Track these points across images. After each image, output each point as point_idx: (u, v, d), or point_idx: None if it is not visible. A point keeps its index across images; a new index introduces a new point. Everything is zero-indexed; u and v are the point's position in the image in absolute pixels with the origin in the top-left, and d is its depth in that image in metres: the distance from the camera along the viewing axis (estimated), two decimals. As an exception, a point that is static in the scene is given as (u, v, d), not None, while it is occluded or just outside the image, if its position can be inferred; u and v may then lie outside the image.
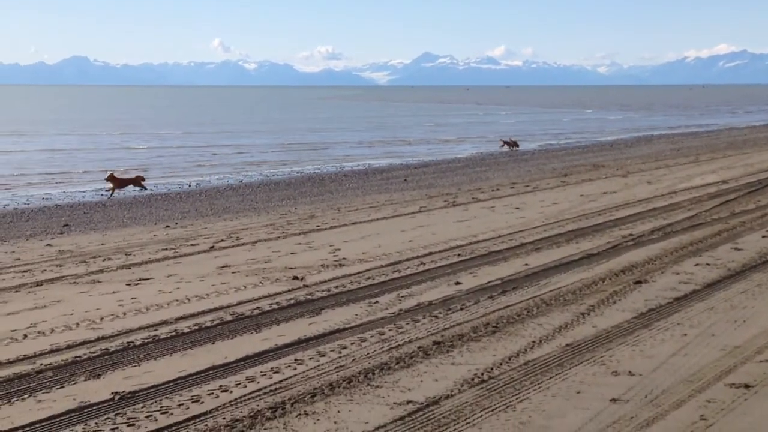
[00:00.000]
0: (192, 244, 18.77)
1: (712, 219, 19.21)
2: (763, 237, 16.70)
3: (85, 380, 9.22)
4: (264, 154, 53.25)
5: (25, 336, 11.06)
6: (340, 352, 9.88)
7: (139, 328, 11.25)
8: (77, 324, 11.64)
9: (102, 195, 32.23)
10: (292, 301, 12.54)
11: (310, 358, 9.68)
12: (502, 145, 54.22)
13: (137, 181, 33.27)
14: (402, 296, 12.66)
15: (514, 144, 54.33)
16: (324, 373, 9.18)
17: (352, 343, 10.24)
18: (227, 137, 68.48)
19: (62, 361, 9.85)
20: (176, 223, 23.16)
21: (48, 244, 19.78)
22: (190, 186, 35.71)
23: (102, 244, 19.57)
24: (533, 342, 10.03)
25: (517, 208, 22.68)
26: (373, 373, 9.12)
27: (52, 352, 10.27)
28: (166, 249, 18.20)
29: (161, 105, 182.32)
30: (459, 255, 15.86)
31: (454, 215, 21.97)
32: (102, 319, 11.89)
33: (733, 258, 14.70)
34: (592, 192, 25.86)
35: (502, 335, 10.39)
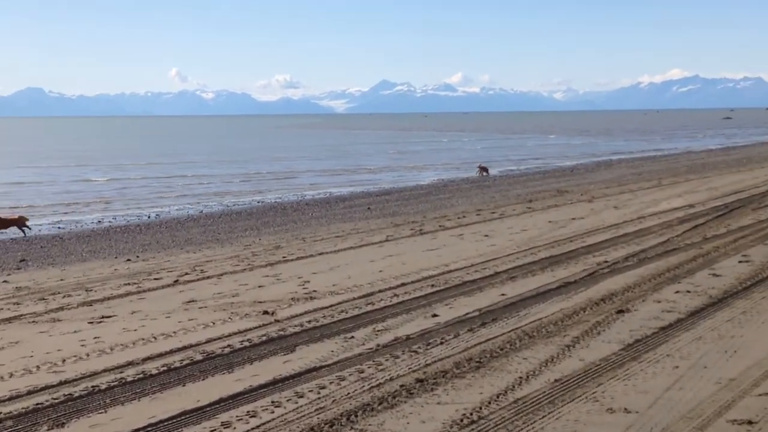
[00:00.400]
0: (155, 278, 18.19)
1: (685, 244, 18.95)
2: (740, 262, 16.43)
3: (48, 429, 8.66)
4: (226, 184, 52.67)
5: (-17, 381, 10.46)
6: (318, 393, 9.38)
7: (104, 371, 10.68)
8: (37, 367, 11.04)
9: (59, 228, 31.47)
10: (264, 338, 12.02)
11: (287, 400, 9.17)
12: (479, 171, 54.21)
13: (20, 222, 30.10)
14: (378, 330, 12.19)
15: (485, 170, 54.47)
16: (304, 416, 8.68)
17: (330, 383, 9.74)
18: (187, 167, 67.75)
19: (23, 408, 9.26)
20: (137, 256, 22.55)
21: (4, 281, 19.13)
22: (149, 217, 35.09)
23: (61, 279, 18.93)
24: (520, 378, 9.60)
25: (486, 236, 22.32)
26: (356, 415, 8.64)
27: (11, 399, 9.68)
28: (129, 284, 17.62)
29: (119, 136, 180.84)
30: (433, 285, 15.43)
31: (423, 244, 21.56)
32: (64, 361, 11.30)
33: (713, 284, 14.40)
34: (560, 218, 25.59)
35: (487, 371, 9.94)
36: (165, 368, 10.66)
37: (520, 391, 9.14)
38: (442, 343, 11.32)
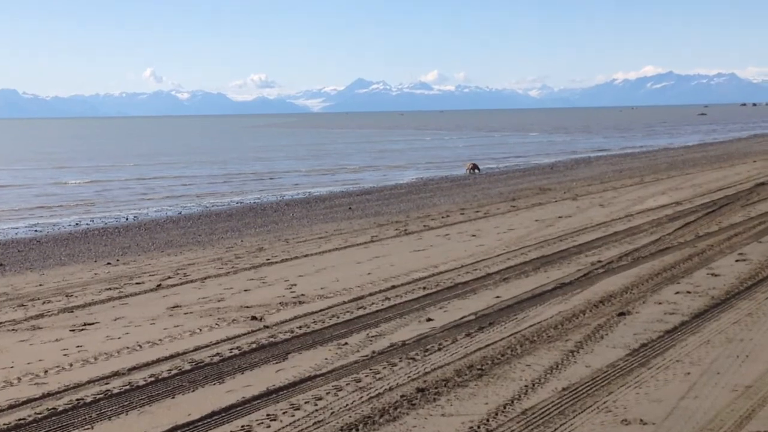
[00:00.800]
0: (137, 283, 17.70)
1: (678, 243, 18.63)
2: (737, 261, 16.11)
3: (32, 447, 8.20)
4: (205, 184, 51.96)
5: (-39, 395, 9.96)
6: (315, 404, 8.94)
7: (89, 382, 10.20)
8: (18, 379, 10.55)
9: (36, 231, 30.85)
10: (254, 345, 11.56)
11: (283, 413, 8.73)
12: (470, 169, 54.21)
13: None
14: (372, 336, 11.77)
15: (475, 167, 54.52)
16: (302, 430, 8.24)
17: (327, 393, 9.31)
18: (165, 168, 66.93)
19: (4, 425, 8.78)
20: (117, 260, 22.02)
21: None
22: (127, 219, 34.46)
23: (40, 285, 18.40)
24: (526, 386, 9.19)
25: (474, 236, 21.95)
26: (357, 429, 8.21)
27: (-8, 414, 9.20)
28: (110, 288, 17.12)
29: (94, 137, 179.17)
30: (424, 288, 15.02)
31: (409, 245, 21.16)
32: (46, 372, 10.82)
33: (713, 285, 14.06)
34: (547, 216, 25.25)
35: (490, 379, 9.54)
36: (152, 379, 10.19)
37: (528, 401, 8.74)
38: (440, 349, 10.91)
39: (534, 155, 73.72)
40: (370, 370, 10.13)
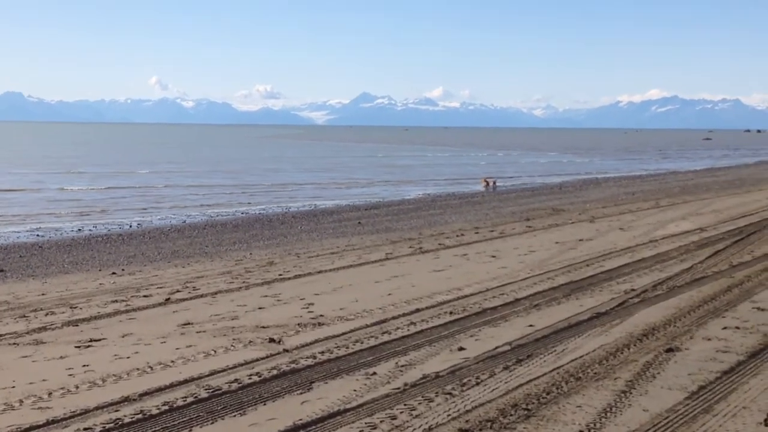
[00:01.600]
0: (144, 295, 16.85)
1: (713, 272, 17.78)
2: (780, 294, 15.29)
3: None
4: (215, 194, 51.07)
5: (-42, 418, 9.12)
6: (349, 445, 8.11)
7: (96, 408, 9.34)
8: (20, 401, 9.70)
9: (38, 236, 30.01)
10: (274, 372, 10.71)
11: (314, 454, 7.90)
12: (486, 185, 55.84)
13: None
14: (401, 366, 10.92)
15: (490, 182, 56.50)
16: (337, 475, 7.41)
17: (361, 431, 8.47)
18: (171, 177, 66.05)
19: (5, 456, 7.95)
20: (123, 270, 21.18)
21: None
22: (131, 226, 33.63)
23: (42, 294, 17.55)
24: (581, 432, 8.35)
25: (493, 257, 21.13)
26: (399, 477, 7.38)
27: (-9, 443, 8.36)
28: (116, 301, 16.27)
29: (100, 142, 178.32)
30: (451, 313, 14.17)
31: (427, 264, 20.33)
32: (50, 394, 9.96)
33: (761, 320, 13.19)
34: (566, 239, 24.43)
35: (540, 421, 8.69)
36: (167, 407, 9.34)
37: (587, 450, 7.90)
38: (478, 384, 10.05)
39: (549, 175, 72.68)
40: (405, 405, 9.28)
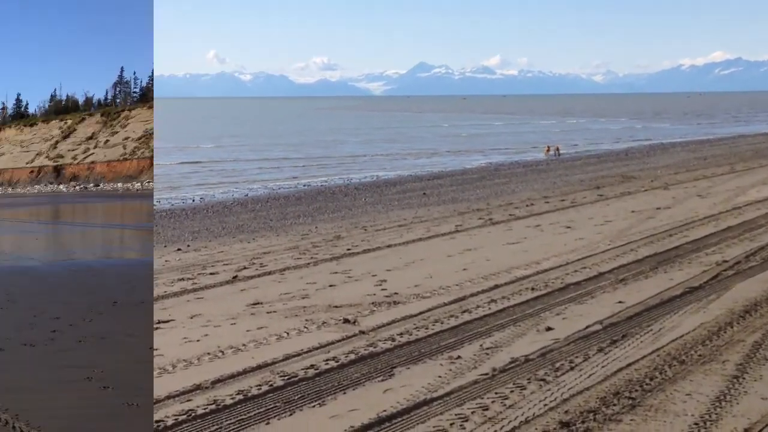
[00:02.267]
0: (211, 273, 16.31)
1: (809, 241, 16.83)
2: None
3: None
4: (273, 169, 50.69)
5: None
6: (441, 440, 7.43)
7: (168, 398, 8.78)
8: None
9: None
10: (352, 356, 10.06)
11: (404, 451, 7.24)
12: (548, 151, 55.65)
13: None
14: (486, 348, 10.21)
15: (552, 149, 55.96)
16: (431, 477, 6.75)
17: (451, 425, 7.78)
18: (233, 151, 65.81)
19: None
20: (188, 246, 20.71)
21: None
22: (194, 201, 33.29)
23: (107, 273, 17.13)
24: (697, 425, 7.57)
25: (569, 227, 20.29)
26: (500, 478, 6.69)
27: None
28: (183, 279, 15.75)
29: (160, 118, 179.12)
30: (532, 289, 13.43)
31: (500, 236, 19.56)
32: (119, 382, 9.42)
33: None
34: (642, 207, 23.48)
35: (647, 412, 7.93)
36: (241, 396, 8.74)
37: (706, 447, 7.14)
38: (572, 369, 9.31)
39: (612, 141, 71.12)
40: (496, 393, 8.58)
